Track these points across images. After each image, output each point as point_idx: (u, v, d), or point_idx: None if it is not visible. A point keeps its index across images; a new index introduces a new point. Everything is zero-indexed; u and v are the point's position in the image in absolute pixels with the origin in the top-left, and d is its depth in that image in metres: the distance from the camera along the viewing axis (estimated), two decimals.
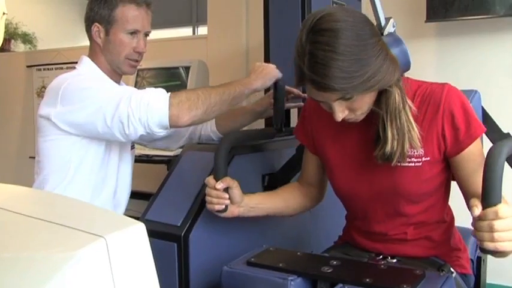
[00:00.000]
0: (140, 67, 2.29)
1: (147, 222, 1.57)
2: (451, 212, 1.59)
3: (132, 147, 1.91)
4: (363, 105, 1.29)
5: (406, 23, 2.71)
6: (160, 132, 1.54)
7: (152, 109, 1.50)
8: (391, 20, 1.47)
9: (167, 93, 1.57)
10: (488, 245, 1.06)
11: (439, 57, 2.71)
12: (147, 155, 2.70)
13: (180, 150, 1.97)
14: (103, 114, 1.54)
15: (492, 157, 1.05)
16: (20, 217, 0.72)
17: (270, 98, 1.97)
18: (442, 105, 1.33)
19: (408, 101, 1.33)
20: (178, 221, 1.60)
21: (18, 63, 4.77)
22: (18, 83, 4.77)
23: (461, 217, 1.64)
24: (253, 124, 2.10)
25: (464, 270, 1.55)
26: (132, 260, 0.66)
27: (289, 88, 1.94)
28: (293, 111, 2.14)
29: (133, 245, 0.67)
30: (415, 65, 1.45)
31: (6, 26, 4.87)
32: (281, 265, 1.28)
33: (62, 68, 4.54)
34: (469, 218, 1.71)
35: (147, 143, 2.02)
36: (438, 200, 1.48)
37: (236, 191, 1.51)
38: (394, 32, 1.46)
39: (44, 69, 4.63)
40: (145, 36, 1.82)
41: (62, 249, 0.61)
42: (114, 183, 1.82)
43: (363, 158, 1.45)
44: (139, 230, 0.68)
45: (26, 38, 5.20)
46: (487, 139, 1.61)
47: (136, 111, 1.50)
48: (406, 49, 1.37)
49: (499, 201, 1.06)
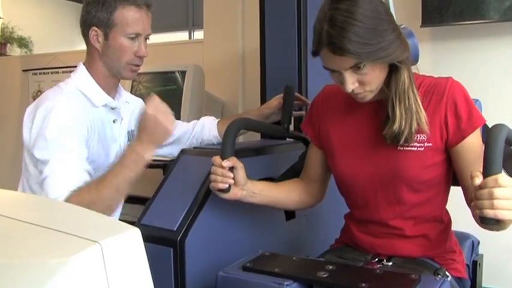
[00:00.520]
0: None
1: (143, 227, 1.57)
2: (449, 215, 1.60)
3: None
4: (373, 79, 1.36)
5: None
6: None
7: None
8: None
9: (64, 195, 1.49)
10: (488, 212, 1.08)
11: (434, 61, 2.72)
12: None
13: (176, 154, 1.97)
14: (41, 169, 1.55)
15: (493, 132, 1.12)
16: (14, 222, 0.72)
17: (277, 101, 2.00)
18: (445, 95, 1.40)
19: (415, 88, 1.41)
20: (174, 225, 1.59)
21: (14, 68, 4.77)
22: (14, 87, 4.76)
23: (458, 221, 1.66)
24: (251, 133, 2.11)
25: (459, 274, 1.55)
26: (127, 266, 0.66)
27: (298, 95, 2.01)
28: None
29: (128, 250, 0.67)
30: None
31: (2, 30, 4.87)
32: (277, 270, 1.28)
33: (58, 72, 4.54)
34: (465, 222, 1.73)
35: None
36: (437, 195, 1.50)
37: (241, 172, 1.54)
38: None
39: (40, 73, 4.63)
40: (146, 39, 1.73)
41: (57, 255, 0.61)
42: None
43: (366, 143, 1.50)
44: (134, 235, 0.67)
45: (22, 42, 5.20)
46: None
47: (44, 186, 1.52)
48: (417, 43, 1.51)
49: (499, 172, 1.09)
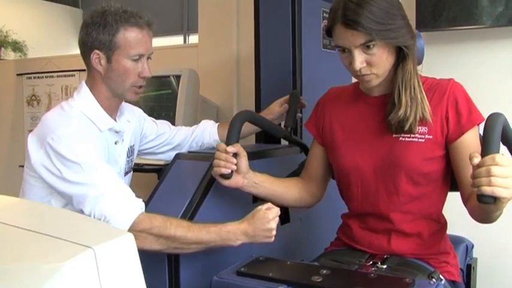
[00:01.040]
0: None
1: None
2: (445, 219, 1.63)
3: (126, 173, 1.84)
4: (380, 62, 1.43)
5: None
6: None
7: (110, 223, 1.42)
8: None
9: (137, 213, 1.46)
10: (486, 189, 1.12)
11: (428, 65, 2.72)
12: (138, 164, 2.68)
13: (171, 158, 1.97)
14: (71, 198, 1.49)
15: (492, 117, 1.18)
16: (8, 228, 0.72)
17: (279, 107, 2.02)
18: (447, 93, 1.47)
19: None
20: None
21: (8, 71, 4.75)
22: (8, 91, 4.75)
23: (453, 226, 1.67)
24: (247, 139, 2.11)
25: (453, 277, 1.57)
26: (120, 271, 0.66)
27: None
28: None
29: (121, 255, 0.67)
30: None
31: None
32: (271, 275, 1.28)
33: (53, 77, 4.54)
34: (460, 225, 1.74)
35: (151, 156, 2.01)
36: (435, 191, 1.54)
37: (244, 160, 1.57)
38: None
39: (35, 77, 4.61)
40: (148, 58, 1.69)
41: (50, 261, 0.61)
42: None
43: (368, 134, 1.55)
44: (127, 240, 0.68)
45: (16, 46, 5.19)
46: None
47: (97, 216, 1.44)
48: (423, 44, 1.61)
49: (497, 152, 1.14)
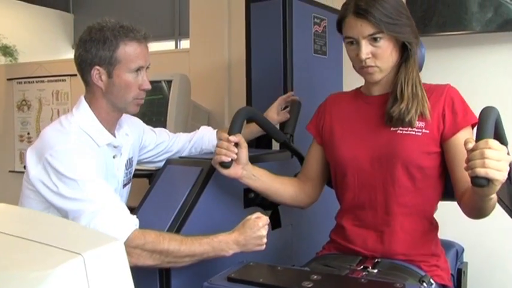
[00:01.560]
0: None
1: None
2: (437, 222, 1.65)
3: (125, 185, 1.84)
4: (385, 56, 1.51)
5: None
6: None
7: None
8: None
9: (131, 229, 1.46)
10: (480, 170, 1.15)
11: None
12: None
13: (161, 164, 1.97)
14: (67, 214, 1.48)
15: (486, 108, 1.25)
16: None
17: (276, 114, 2.05)
18: (444, 94, 1.54)
19: None
20: None
21: None
22: None
23: (444, 230, 1.68)
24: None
25: (443, 281, 1.57)
26: (110, 278, 0.66)
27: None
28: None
29: (111, 262, 0.67)
30: None
31: None
32: (261, 280, 1.28)
33: (43, 81, 4.53)
34: (451, 230, 1.75)
35: (150, 164, 2.01)
36: (430, 188, 1.57)
37: (244, 151, 1.62)
38: None
39: (25, 82, 4.60)
40: (146, 69, 1.70)
41: (39, 268, 0.61)
42: None
43: (367, 129, 1.60)
44: (117, 247, 0.67)
45: (7, 51, 5.16)
46: None
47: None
48: (424, 52, 1.69)
49: (491, 138, 1.19)
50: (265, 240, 1.53)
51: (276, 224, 2.01)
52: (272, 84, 2.22)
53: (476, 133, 1.23)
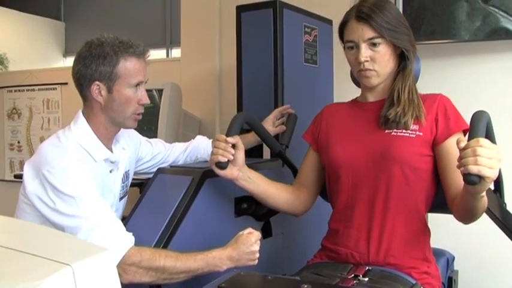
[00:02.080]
0: None
1: None
2: (429, 229, 1.66)
3: (121, 198, 1.83)
4: (383, 61, 1.58)
5: None
6: None
7: None
8: None
9: (127, 247, 1.47)
10: (472, 168, 1.17)
11: None
12: None
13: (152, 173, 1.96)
14: (62, 229, 1.47)
15: (478, 111, 1.30)
16: None
17: (271, 126, 2.07)
18: (437, 102, 1.59)
19: None
20: (151, 243, 1.58)
21: None
22: None
23: (435, 239, 1.68)
24: None
25: None
26: None
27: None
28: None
29: (100, 272, 0.66)
30: None
31: None
32: None
33: (34, 90, 4.51)
34: (442, 238, 1.76)
35: (146, 175, 2.00)
36: (423, 191, 1.59)
37: (241, 152, 1.65)
38: None
39: (15, 90, 4.58)
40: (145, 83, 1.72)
41: (27, 279, 0.61)
42: None
43: (363, 132, 1.64)
44: (106, 257, 0.67)
45: None
46: None
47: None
48: (420, 66, 1.73)
49: (482, 137, 1.22)
50: (257, 255, 1.57)
51: (267, 233, 2.01)
52: (263, 93, 2.23)
53: (468, 133, 1.26)
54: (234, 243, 1.56)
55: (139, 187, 2.66)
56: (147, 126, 2.92)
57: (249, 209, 1.98)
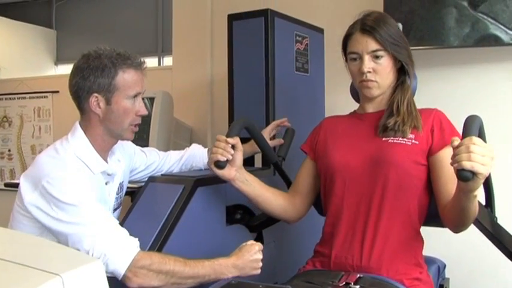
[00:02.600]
0: None
1: None
2: (422, 237, 1.68)
3: (115, 210, 1.82)
4: (384, 73, 1.63)
5: None
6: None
7: (109, 263, 1.44)
8: None
9: (136, 250, 1.48)
10: (466, 164, 1.21)
11: None
12: None
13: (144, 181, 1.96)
14: (66, 238, 1.48)
15: (471, 115, 1.34)
16: None
17: (268, 139, 2.07)
18: (433, 115, 1.65)
19: None
20: None
21: None
22: None
23: (426, 247, 1.69)
24: None
25: None
26: None
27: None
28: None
29: (90, 282, 0.66)
30: None
31: None
32: None
33: (25, 98, 4.50)
34: (433, 246, 1.77)
35: (139, 184, 1.99)
36: (416, 197, 1.61)
37: (240, 153, 1.69)
38: None
39: (6, 98, 4.57)
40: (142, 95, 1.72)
41: None
42: None
43: (360, 139, 1.69)
44: (96, 267, 0.67)
45: None
46: None
47: (96, 254, 1.44)
48: (417, 84, 1.78)
49: (475, 136, 1.26)
50: (261, 264, 1.61)
51: (259, 241, 2.00)
52: (254, 101, 2.23)
53: (462, 134, 1.29)
54: (239, 252, 1.60)
55: (130, 196, 2.66)
56: (139, 134, 2.88)
57: (243, 218, 1.99)
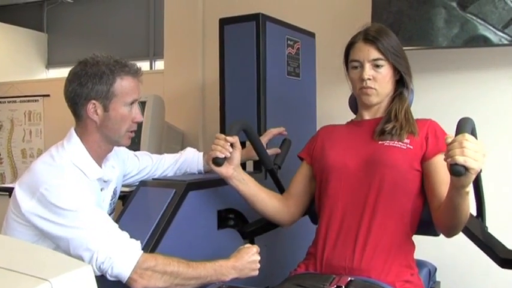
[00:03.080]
0: None
1: None
2: (414, 244, 1.70)
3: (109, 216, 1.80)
4: (383, 82, 1.70)
5: None
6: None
7: (114, 266, 1.44)
8: None
9: (139, 252, 1.49)
10: (459, 158, 1.25)
11: None
12: None
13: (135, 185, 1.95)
14: (68, 243, 1.47)
15: (464, 117, 1.39)
16: None
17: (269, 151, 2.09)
18: (427, 124, 1.70)
19: None
20: None
21: None
22: None
23: (417, 250, 1.70)
24: None
25: None
26: None
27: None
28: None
29: (79, 287, 0.66)
30: None
31: None
32: None
33: (15, 102, 4.48)
34: (424, 250, 1.77)
35: (132, 187, 1.99)
36: (410, 201, 1.64)
37: (238, 152, 1.74)
38: None
39: None
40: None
41: None
42: None
43: (357, 143, 1.73)
44: (86, 272, 0.67)
45: None
46: None
47: (100, 258, 1.44)
48: (413, 98, 1.82)
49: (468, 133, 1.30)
50: (259, 265, 1.64)
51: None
52: (246, 105, 2.24)
53: (455, 132, 1.32)
54: (237, 254, 1.62)
55: (122, 200, 2.65)
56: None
57: (236, 225, 1.99)
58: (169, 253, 1.56)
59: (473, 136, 1.40)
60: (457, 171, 1.25)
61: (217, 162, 1.66)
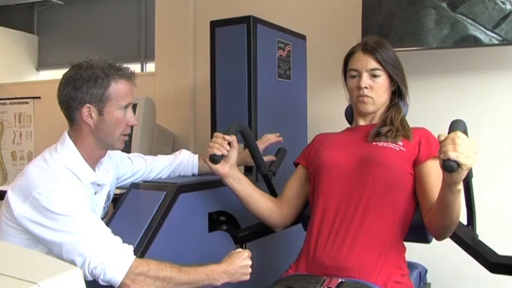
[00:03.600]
0: None
1: None
2: (404, 246, 1.71)
3: (102, 219, 1.77)
4: (380, 91, 1.76)
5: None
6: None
7: (106, 271, 1.43)
8: None
9: (132, 257, 1.47)
10: (452, 154, 1.27)
11: None
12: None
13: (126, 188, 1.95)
14: (60, 247, 1.46)
15: (456, 119, 1.40)
16: None
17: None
18: (421, 132, 1.75)
19: None
20: None
21: None
22: None
23: (407, 252, 1.71)
24: None
25: None
26: None
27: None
28: None
29: None
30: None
31: None
32: None
33: (5, 104, 4.46)
34: (414, 251, 1.78)
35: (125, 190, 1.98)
36: (401, 202, 1.66)
37: (235, 151, 1.76)
38: None
39: None
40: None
41: None
42: None
43: (351, 144, 1.77)
44: (75, 275, 0.67)
45: None
46: None
47: (93, 263, 1.43)
48: (407, 112, 1.86)
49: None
50: (250, 270, 1.64)
51: (241, 248, 2.00)
52: (237, 107, 2.24)
53: (448, 131, 1.34)
54: (229, 259, 1.62)
55: (113, 202, 2.64)
56: None
57: (229, 230, 1.99)
58: (160, 255, 1.56)
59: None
60: (450, 167, 1.28)
61: (214, 159, 1.68)
